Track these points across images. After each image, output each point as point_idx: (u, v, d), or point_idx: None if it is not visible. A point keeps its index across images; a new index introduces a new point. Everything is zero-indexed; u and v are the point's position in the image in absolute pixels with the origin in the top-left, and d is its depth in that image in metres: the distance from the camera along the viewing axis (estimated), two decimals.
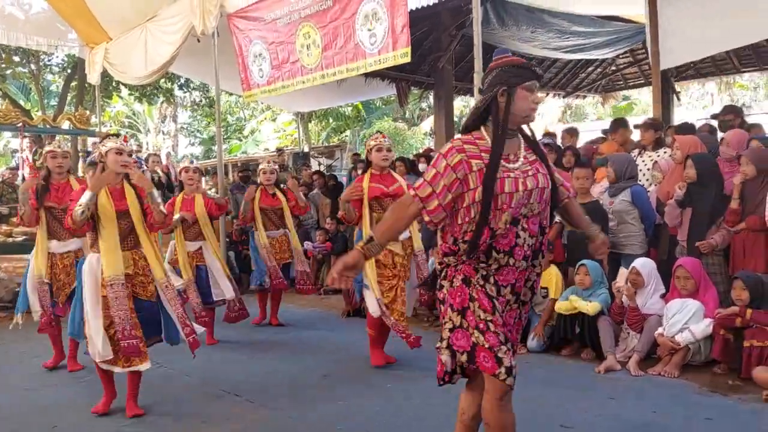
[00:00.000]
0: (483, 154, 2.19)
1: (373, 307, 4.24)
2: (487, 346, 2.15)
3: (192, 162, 5.57)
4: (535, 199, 2.22)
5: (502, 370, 2.13)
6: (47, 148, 4.62)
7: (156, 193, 3.68)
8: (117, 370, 3.51)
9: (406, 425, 3.30)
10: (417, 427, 3.28)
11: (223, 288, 5.27)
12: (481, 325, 2.17)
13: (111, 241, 3.50)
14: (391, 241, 2.30)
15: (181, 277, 5.11)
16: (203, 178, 13.04)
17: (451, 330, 2.25)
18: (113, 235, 3.51)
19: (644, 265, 4.41)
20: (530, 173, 2.23)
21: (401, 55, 5.51)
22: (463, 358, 2.22)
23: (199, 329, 3.96)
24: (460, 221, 2.22)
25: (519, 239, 2.21)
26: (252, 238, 6.02)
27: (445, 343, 2.28)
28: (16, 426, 3.49)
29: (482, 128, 2.27)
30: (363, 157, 5.49)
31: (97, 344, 3.41)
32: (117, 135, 3.67)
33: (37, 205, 4.39)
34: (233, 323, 5.44)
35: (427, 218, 2.20)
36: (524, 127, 2.30)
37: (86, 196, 3.43)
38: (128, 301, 3.47)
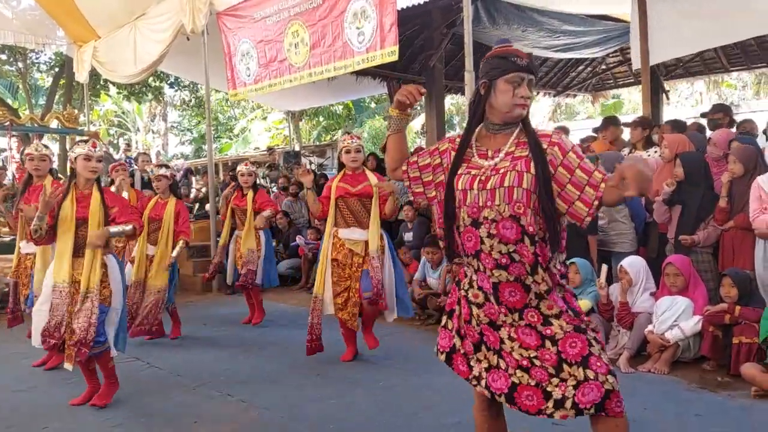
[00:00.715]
0: (469, 150, 2.12)
1: (327, 307, 4.40)
2: (462, 352, 2.16)
3: (166, 168, 5.52)
4: (502, 200, 1.96)
5: (474, 375, 2.12)
6: (26, 151, 4.63)
7: (116, 230, 3.61)
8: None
9: (399, 424, 3.30)
10: (410, 425, 3.28)
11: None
12: (461, 331, 2.17)
13: (63, 246, 3.54)
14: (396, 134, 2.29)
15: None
16: (194, 178, 13.02)
17: (440, 328, 2.26)
18: (68, 240, 3.53)
19: (632, 264, 4.43)
20: (501, 170, 1.99)
21: (389, 54, 5.51)
22: (442, 357, 2.21)
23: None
24: (436, 215, 2.21)
25: (484, 245, 2.00)
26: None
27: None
28: (6, 426, 3.46)
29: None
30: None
31: (34, 333, 3.60)
32: (86, 141, 3.65)
33: (18, 210, 4.50)
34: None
35: (404, 167, 2.23)
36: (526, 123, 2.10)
37: (36, 217, 3.45)
38: (68, 306, 3.51)
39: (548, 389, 1.98)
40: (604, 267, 4.40)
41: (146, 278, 5.22)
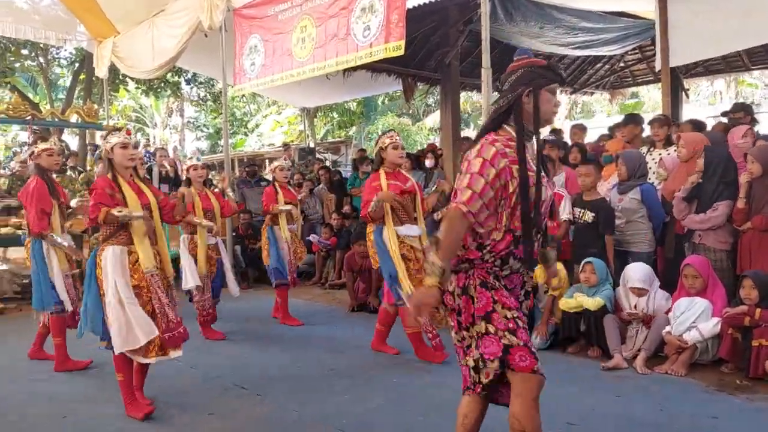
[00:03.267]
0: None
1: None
2: (521, 343, 2.10)
3: (198, 159, 5.59)
4: (546, 208, 2.24)
5: (539, 364, 2.12)
6: (43, 146, 4.53)
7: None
8: (143, 360, 3.39)
9: (410, 420, 3.31)
10: (421, 422, 3.28)
11: (231, 286, 5.44)
12: (511, 325, 2.11)
13: (141, 235, 3.45)
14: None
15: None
16: (211, 173, 13.12)
17: (479, 337, 2.15)
18: (142, 228, 3.46)
19: (641, 279, 4.36)
20: (544, 182, 2.21)
21: (394, 48, 5.44)
22: (494, 365, 2.11)
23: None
24: (497, 224, 2.15)
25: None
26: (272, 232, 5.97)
27: (468, 360, 2.20)
28: (25, 416, 3.52)
29: (506, 127, 2.19)
30: (370, 153, 5.51)
31: (127, 332, 3.29)
32: (119, 129, 3.62)
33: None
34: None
35: (472, 220, 2.08)
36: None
37: (126, 212, 3.35)
38: (162, 290, 3.46)
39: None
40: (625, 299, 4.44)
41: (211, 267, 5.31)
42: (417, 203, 4.43)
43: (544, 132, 2.11)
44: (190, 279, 5.07)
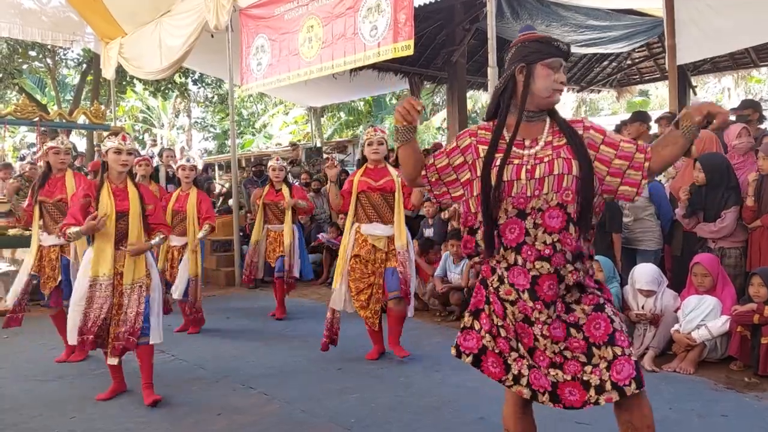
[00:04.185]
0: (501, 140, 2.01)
1: (334, 301, 4.32)
2: (497, 351, 2.04)
3: (188, 160, 5.60)
4: (551, 188, 1.93)
5: (509, 376, 2.02)
6: (49, 144, 4.64)
7: (155, 241, 3.73)
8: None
9: (418, 419, 3.30)
10: (430, 421, 3.28)
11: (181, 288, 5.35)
12: (493, 330, 2.04)
13: (104, 240, 3.52)
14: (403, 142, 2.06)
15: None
16: (218, 173, 13.17)
17: (461, 330, 2.12)
18: (110, 234, 3.51)
19: (649, 281, 4.32)
20: (545, 159, 1.95)
21: (403, 48, 5.44)
22: (468, 360, 2.07)
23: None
24: (473, 210, 2.04)
25: (528, 236, 1.94)
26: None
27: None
28: (33, 416, 3.54)
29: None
30: None
31: (70, 332, 3.55)
32: (117, 133, 3.64)
33: (32, 203, 4.55)
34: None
35: (423, 172, 2.08)
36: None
37: (75, 229, 3.45)
38: (110, 299, 3.51)
39: (585, 378, 1.96)
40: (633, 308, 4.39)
41: (172, 269, 5.37)
42: (396, 201, 4.30)
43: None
44: (177, 288, 5.27)
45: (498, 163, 1.96)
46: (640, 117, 6.19)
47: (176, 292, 5.31)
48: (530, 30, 2.06)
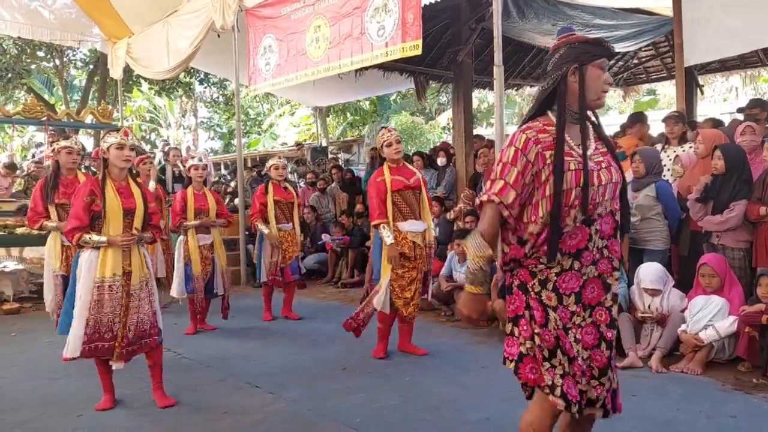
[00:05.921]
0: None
1: (380, 302, 4.32)
2: (532, 355, 1.98)
3: (200, 160, 5.61)
4: (610, 195, 1.96)
5: (549, 382, 1.94)
6: (62, 144, 4.64)
7: (144, 237, 3.61)
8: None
9: (424, 419, 3.30)
10: (435, 420, 3.27)
11: (220, 283, 5.54)
12: (533, 336, 1.98)
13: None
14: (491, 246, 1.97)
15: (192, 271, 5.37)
16: (224, 172, 13.19)
17: (505, 336, 2.07)
18: (118, 232, 3.44)
19: (654, 280, 4.31)
20: (603, 165, 1.97)
21: (410, 48, 5.44)
22: (511, 366, 2.02)
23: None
24: (525, 219, 1.97)
25: (590, 242, 1.94)
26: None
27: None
28: (40, 414, 3.56)
29: (549, 114, 2.01)
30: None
31: (71, 342, 3.41)
32: (118, 129, 3.63)
33: (43, 204, 4.51)
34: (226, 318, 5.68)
35: (506, 213, 1.94)
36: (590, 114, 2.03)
37: (97, 238, 3.38)
38: (123, 299, 3.43)
39: (583, 389, 1.96)
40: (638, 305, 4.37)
41: (205, 266, 5.45)
42: (422, 198, 4.42)
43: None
44: (175, 289, 5.36)
45: (571, 167, 1.92)
46: (639, 118, 6.25)
47: (175, 291, 5.44)
48: (570, 31, 2.04)
